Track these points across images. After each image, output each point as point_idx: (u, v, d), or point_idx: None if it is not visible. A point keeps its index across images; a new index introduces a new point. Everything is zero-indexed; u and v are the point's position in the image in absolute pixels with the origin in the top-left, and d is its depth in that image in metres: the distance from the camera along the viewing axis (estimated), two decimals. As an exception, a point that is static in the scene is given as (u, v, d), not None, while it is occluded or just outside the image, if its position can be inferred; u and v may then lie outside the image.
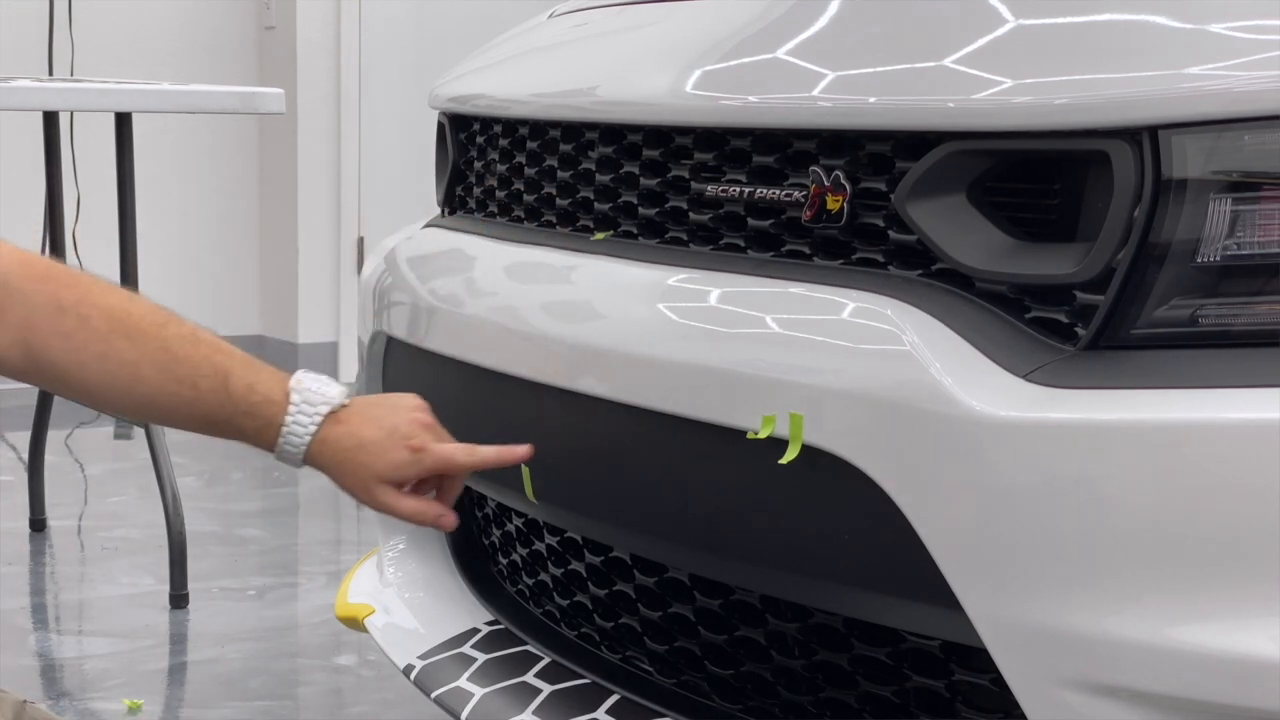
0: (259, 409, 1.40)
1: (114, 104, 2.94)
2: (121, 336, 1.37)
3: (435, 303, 1.67)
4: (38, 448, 3.35)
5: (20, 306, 1.36)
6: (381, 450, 1.42)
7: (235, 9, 5.21)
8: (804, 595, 1.34)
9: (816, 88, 1.30)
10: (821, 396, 1.19)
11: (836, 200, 1.27)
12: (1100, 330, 1.11)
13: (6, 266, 1.37)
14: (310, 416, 1.41)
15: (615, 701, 1.51)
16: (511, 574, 1.82)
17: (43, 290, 1.37)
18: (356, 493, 1.44)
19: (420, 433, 1.43)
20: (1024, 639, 1.10)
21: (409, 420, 1.44)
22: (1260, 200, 1.07)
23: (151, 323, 1.40)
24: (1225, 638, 1.02)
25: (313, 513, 3.70)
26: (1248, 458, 1.02)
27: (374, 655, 2.59)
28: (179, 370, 1.39)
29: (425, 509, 1.45)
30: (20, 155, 4.28)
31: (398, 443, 1.42)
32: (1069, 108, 1.12)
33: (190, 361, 1.39)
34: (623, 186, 1.50)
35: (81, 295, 1.38)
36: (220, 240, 5.27)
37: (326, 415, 1.42)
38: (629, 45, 1.59)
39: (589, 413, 1.40)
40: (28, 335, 1.36)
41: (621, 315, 1.41)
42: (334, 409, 1.42)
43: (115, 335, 1.37)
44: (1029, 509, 1.08)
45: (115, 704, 2.45)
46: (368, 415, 1.44)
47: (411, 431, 1.43)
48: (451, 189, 1.86)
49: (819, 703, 1.39)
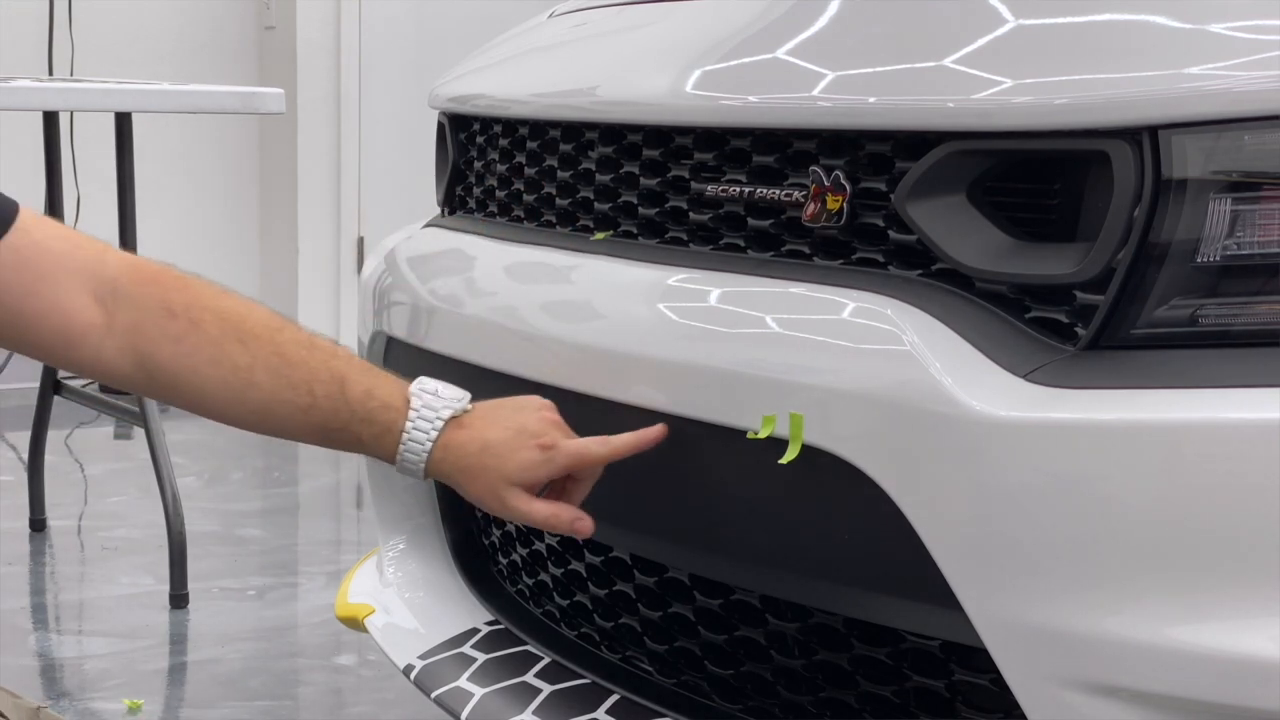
0: (377, 415, 1.35)
1: (114, 104, 2.94)
2: (234, 341, 1.34)
3: (435, 303, 1.67)
4: (38, 448, 3.35)
5: (129, 311, 1.33)
6: (509, 451, 1.35)
7: (235, 9, 5.21)
8: (804, 595, 1.34)
9: (816, 88, 1.30)
10: (821, 396, 1.19)
11: (836, 200, 1.27)
12: (1100, 330, 1.11)
13: (115, 272, 1.34)
14: (431, 422, 1.36)
15: (615, 701, 1.51)
16: (511, 574, 1.82)
17: (151, 294, 1.34)
18: (486, 500, 1.37)
19: (550, 430, 1.36)
20: (1024, 639, 1.10)
21: (537, 419, 1.37)
22: (1260, 200, 1.07)
23: (266, 327, 1.36)
24: (1225, 638, 1.02)
25: (313, 513, 3.71)
26: (1248, 458, 1.02)
27: (374, 655, 2.59)
28: (294, 375, 1.34)
29: (560, 513, 1.37)
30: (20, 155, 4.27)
31: (526, 441, 1.35)
32: (1069, 108, 1.12)
33: (306, 366, 1.35)
34: (623, 186, 1.50)
35: (192, 299, 1.35)
36: (220, 240, 5.27)
37: (449, 420, 1.36)
38: (629, 45, 1.59)
39: (589, 413, 1.40)
40: (137, 341, 1.33)
41: (621, 315, 1.40)
42: (456, 413, 1.37)
43: (228, 339, 1.33)
44: (1029, 509, 1.08)
45: (115, 704, 2.45)
46: (492, 417, 1.37)
47: (541, 429, 1.36)
48: (451, 189, 1.86)
49: (819, 703, 1.39)
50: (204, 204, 5.22)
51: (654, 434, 1.33)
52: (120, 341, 1.34)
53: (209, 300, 1.36)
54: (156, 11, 5.07)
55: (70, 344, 1.34)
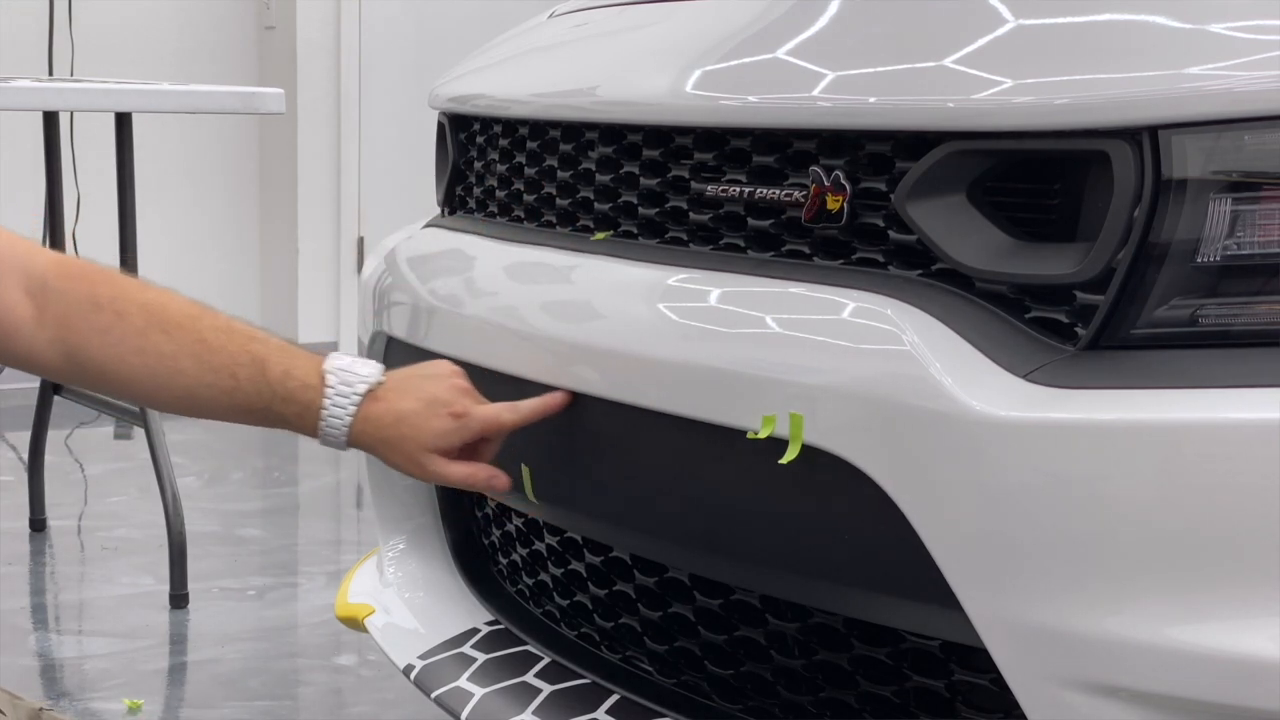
0: (297, 394, 1.42)
1: (114, 104, 2.94)
2: (158, 330, 1.40)
3: (435, 303, 1.67)
4: (38, 448, 3.35)
5: (58, 305, 1.39)
6: (424, 420, 1.42)
7: (235, 9, 5.21)
8: (804, 595, 1.34)
9: (816, 88, 1.30)
10: (822, 396, 1.19)
11: (836, 200, 1.27)
12: (1100, 330, 1.11)
13: (44, 268, 1.40)
14: (348, 398, 1.42)
15: (615, 701, 1.51)
16: (511, 574, 1.82)
17: (79, 288, 1.40)
18: (406, 466, 1.44)
19: (460, 398, 1.44)
20: (1024, 639, 1.10)
21: (448, 387, 1.45)
22: (1260, 200, 1.07)
23: (187, 315, 1.42)
24: (1225, 638, 1.02)
25: (313, 513, 3.71)
26: (1248, 458, 1.02)
27: (374, 655, 2.59)
28: (215, 360, 1.40)
29: (476, 472, 1.46)
30: (20, 155, 4.28)
31: (439, 411, 1.43)
32: (1069, 108, 1.12)
33: (226, 351, 1.41)
34: (623, 186, 1.50)
35: (117, 292, 1.40)
36: (220, 240, 5.27)
37: (365, 394, 1.43)
38: (629, 45, 1.59)
39: (589, 413, 1.41)
40: (66, 334, 1.39)
41: (621, 315, 1.41)
42: (371, 387, 1.43)
43: (152, 329, 1.39)
44: (1029, 509, 1.08)
45: (115, 704, 2.45)
46: (405, 388, 1.45)
47: (452, 398, 1.44)
48: (451, 189, 1.86)
49: (819, 703, 1.39)
50: (204, 204, 5.23)
51: (557, 400, 1.42)
52: (50, 334, 1.39)
53: (133, 293, 1.41)
54: (156, 11, 5.07)
55: (6, 337, 1.39)
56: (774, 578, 1.34)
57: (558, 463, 1.48)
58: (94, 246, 4.40)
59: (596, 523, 1.52)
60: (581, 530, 1.59)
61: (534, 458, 1.48)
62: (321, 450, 1.62)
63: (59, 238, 3.35)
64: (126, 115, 2.98)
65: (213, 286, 5.20)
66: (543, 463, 1.48)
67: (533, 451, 1.49)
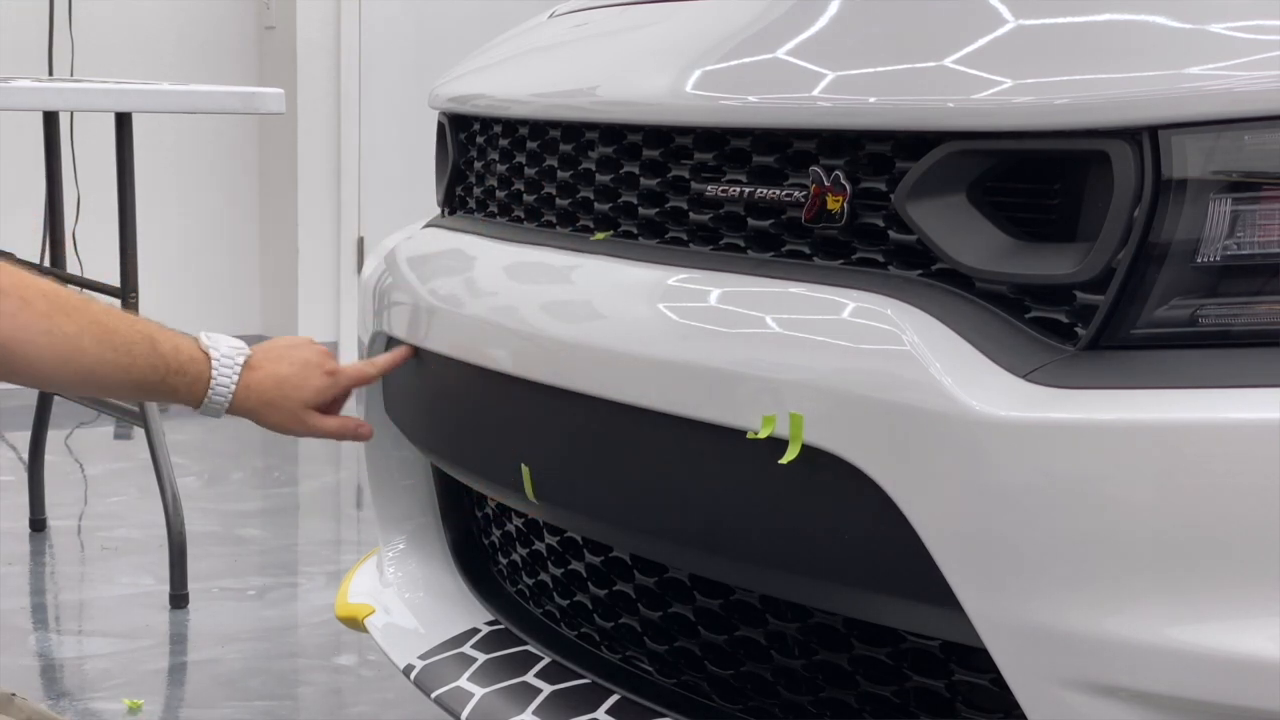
0: (188, 367, 1.56)
1: (114, 104, 2.94)
2: (60, 313, 1.48)
3: (435, 303, 1.67)
4: (38, 448, 3.35)
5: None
6: (303, 380, 1.61)
7: (235, 9, 5.21)
8: (804, 595, 1.34)
9: (816, 88, 1.30)
10: (822, 396, 1.19)
11: (836, 200, 1.27)
12: (1100, 330, 1.11)
13: None
14: (231, 368, 1.58)
15: (615, 701, 1.51)
16: (511, 574, 1.82)
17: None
18: (287, 424, 1.62)
19: (327, 360, 1.64)
20: (1024, 639, 1.10)
21: (314, 351, 1.64)
22: (1260, 200, 1.07)
23: (80, 300, 1.52)
24: (1225, 638, 1.02)
25: (313, 513, 3.70)
26: (1248, 458, 1.02)
27: (374, 655, 2.59)
28: (114, 340, 1.51)
29: (346, 423, 1.67)
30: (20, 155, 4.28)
31: (315, 371, 1.62)
32: (1069, 108, 1.12)
33: (120, 332, 1.52)
34: (623, 186, 1.50)
35: (17, 280, 1.48)
36: (220, 240, 5.27)
37: (244, 364, 1.59)
38: (629, 45, 1.59)
39: (589, 413, 1.40)
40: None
41: (621, 315, 1.41)
42: (246, 358, 1.59)
43: (55, 313, 1.48)
44: (1029, 509, 1.08)
45: (115, 704, 2.45)
46: (277, 355, 1.62)
47: (320, 359, 1.64)
48: (451, 189, 1.86)
49: (819, 703, 1.39)
50: (204, 204, 5.23)
51: (404, 353, 1.69)
52: None
53: (30, 280, 1.49)
54: (156, 11, 5.07)
55: None
56: (774, 578, 1.34)
57: (558, 463, 1.48)
58: (94, 246, 4.41)
59: (596, 523, 1.52)
60: (581, 530, 1.59)
61: (534, 458, 1.48)
62: (321, 450, 1.66)
63: (59, 238, 3.35)
64: (126, 115, 2.98)
65: (213, 286, 5.20)
66: (543, 463, 1.48)
67: (533, 451, 1.49)
